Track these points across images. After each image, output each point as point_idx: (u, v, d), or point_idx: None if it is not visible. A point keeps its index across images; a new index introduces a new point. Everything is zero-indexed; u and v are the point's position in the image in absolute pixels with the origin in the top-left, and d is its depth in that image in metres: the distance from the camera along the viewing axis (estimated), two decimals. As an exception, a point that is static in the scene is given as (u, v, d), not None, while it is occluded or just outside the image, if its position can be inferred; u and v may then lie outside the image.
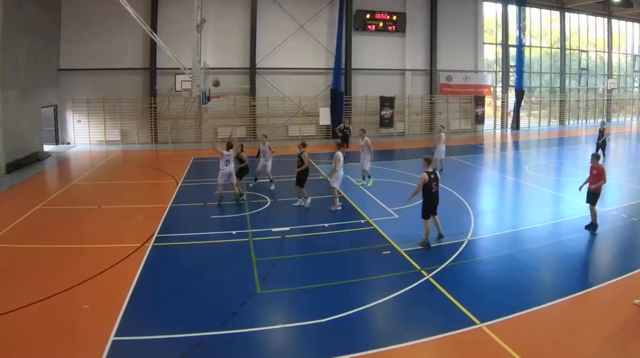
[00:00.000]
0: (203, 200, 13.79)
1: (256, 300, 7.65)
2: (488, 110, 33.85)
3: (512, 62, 33.61)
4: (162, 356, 6.22)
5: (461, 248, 9.89)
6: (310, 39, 27.50)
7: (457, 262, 9.17)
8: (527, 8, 33.17)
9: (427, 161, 10.16)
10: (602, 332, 6.67)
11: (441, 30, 30.34)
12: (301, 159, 12.81)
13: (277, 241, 10.45)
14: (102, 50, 24.39)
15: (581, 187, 11.11)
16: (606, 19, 38.17)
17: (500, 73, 34.40)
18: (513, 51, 33.40)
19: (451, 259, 9.26)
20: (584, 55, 38.37)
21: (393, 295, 7.76)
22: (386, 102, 29.12)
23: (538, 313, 7.14)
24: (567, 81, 37.27)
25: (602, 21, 38.21)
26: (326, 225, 11.50)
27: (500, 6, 33.40)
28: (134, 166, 20.46)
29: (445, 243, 10.13)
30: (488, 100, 33.63)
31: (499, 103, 34.80)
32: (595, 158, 11.00)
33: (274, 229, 11.13)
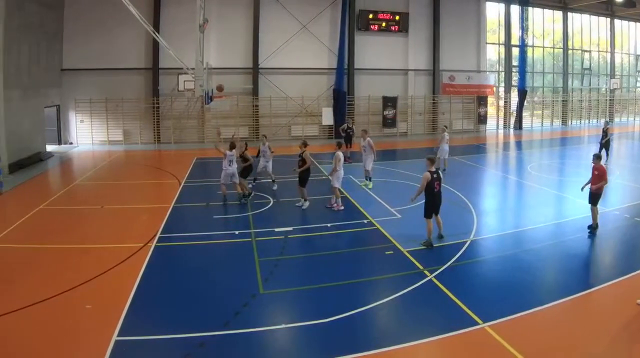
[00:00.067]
0: (206, 200, 13.82)
1: (259, 300, 7.66)
2: (491, 110, 33.79)
3: (515, 62, 33.52)
4: (165, 356, 6.23)
5: (464, 248, 9.88)
6: (313, 39, 27.50)
7: (460, 262, 9.16)
8: (530, 8, 33.11)
9: (430, 160, 10.15)
10: (605, 332, 6.66)
11: (444, 30, 30.29)
12: (303, 159, 12.79)
13: (280, 241, 10.45)
14: (105, 50, 24.46)
15: (583, 188, 11.09)
16: (609, 19, 38.06)
17: (502, 73, 34.34)
18: (516, 51, 33.31)
19: (454, 259, 9.25)
20: (587, 55, 38.28)
21: (396, 295, 7.76)
22: (389, 102, 29.10)
23: (541, 313, 7.13)
24: (570, 81, 37.18)
25: (605, 21, 38.12)
26: (329, 225, 11.51)
27: (503, 6, 33.33)
28: (137, 166, 20.50)
29: (447, 243, 10.13)
30: (491, 100, 33.59)
31: (502, 103, 34.76)
32: (596, 158, 10.97)
33: (277, 229, 11.13)
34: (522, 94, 32.89)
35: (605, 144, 19.74)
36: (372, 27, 28.62)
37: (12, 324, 6.85)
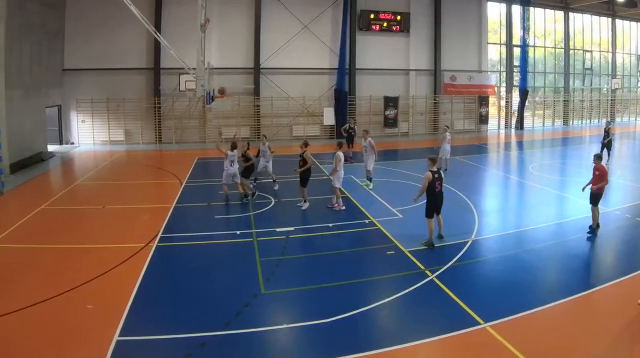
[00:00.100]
0: (207, 200, 13.83)
1: (260, 300, 7.66)
2: (492, 110, 33.76)
3: (516, 62, 33.48)
4: (167, 356, 6.24)
5: (465, 248, 9.87)
6: (314, 39, 27.50)
7: (461, 262, 9.16)
8: (531, 8, 33.10)
9: (432, 160, 10.15)
10: (606, 332, 6.65)
11: (445, 30, 30.28)
12: (304, 159, 12.79)
13: (281, 241, 10.45)
14: (107, 50, 24.49)
15: (584, 188, 11.06)
16: (610, 19, 38.04)
17: (504, 73, 34.34)
18: (517, 51, 33.26)
19: (455, 259, 9.24)
20: (588, 55, 38.22)
21: (397, 295, 7.76)
22: (390, 102, 29.09)
23: (542, 313, 7.13)
24: (571, 81, 37.15)
25: (606, 21, 38.09)
26: (330, 225, 11.50)
27: (504, 6, 33.30)
28: (138, 166, 20.51)
29: (449, 243, 10.12)
30: (492, 100, 33.56)
31: (503, 103, 34.74)
32: (597, 159, 10.95)
33: (278, 229, 11.13)
34: (524, 94, 32.86)
35: (607, 144, 19.73)
36: (374, 27, 28.61)
37: (14, 324, 6.85)
